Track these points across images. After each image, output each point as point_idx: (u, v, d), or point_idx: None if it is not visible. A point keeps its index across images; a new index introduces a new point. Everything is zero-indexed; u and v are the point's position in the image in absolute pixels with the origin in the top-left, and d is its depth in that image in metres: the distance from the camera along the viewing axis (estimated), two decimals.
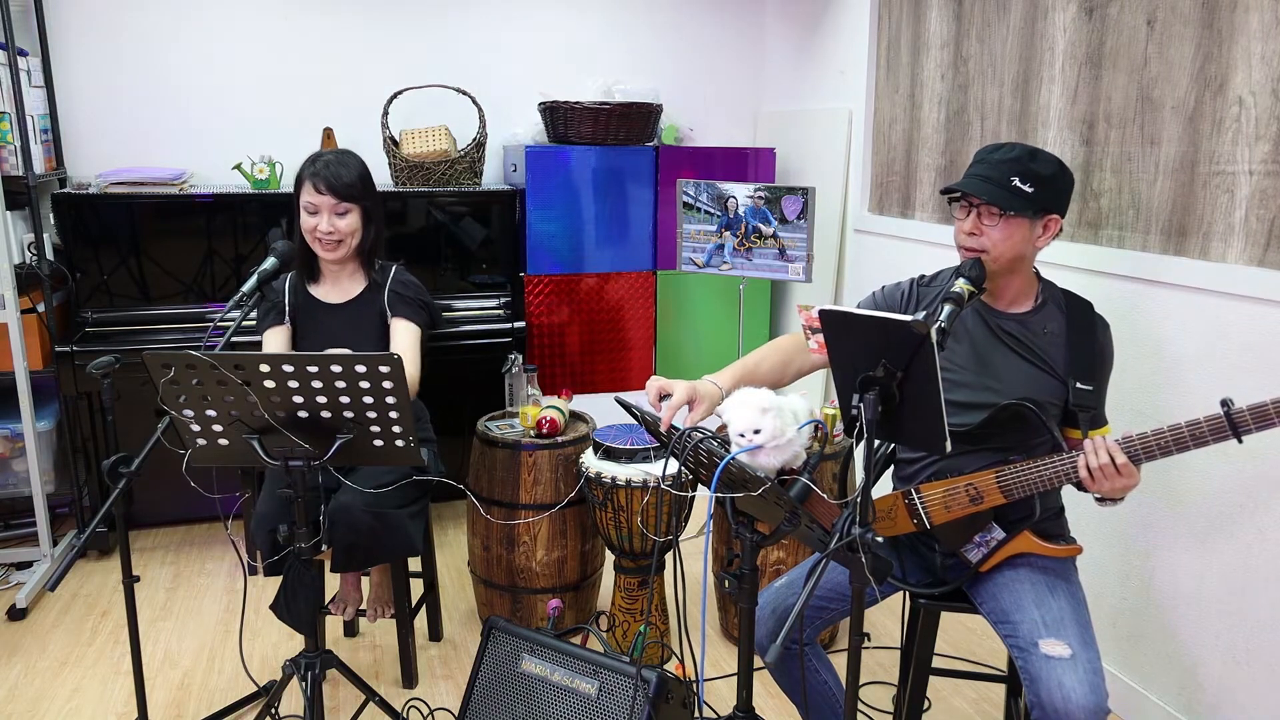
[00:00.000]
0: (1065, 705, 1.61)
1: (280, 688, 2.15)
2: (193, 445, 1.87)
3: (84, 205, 3.25)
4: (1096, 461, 1.70)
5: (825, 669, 2.01)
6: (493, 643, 2.09)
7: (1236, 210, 2.11)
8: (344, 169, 2.37)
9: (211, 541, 3.54)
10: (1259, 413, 1.57)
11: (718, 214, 3.41)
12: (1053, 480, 1.78)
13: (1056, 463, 1.77)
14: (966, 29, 2.98)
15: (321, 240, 2.36)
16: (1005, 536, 1.85)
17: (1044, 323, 1.91)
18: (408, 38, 3.88)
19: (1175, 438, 1.65)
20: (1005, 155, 1.85)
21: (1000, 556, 1.87)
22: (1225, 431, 1.61)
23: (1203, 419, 1.63)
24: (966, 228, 1.86)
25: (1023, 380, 1.88)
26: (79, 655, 2.74)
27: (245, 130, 3.76)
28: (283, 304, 2.45)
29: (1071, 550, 1.86)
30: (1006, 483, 1.82)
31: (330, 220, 2.35)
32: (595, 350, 3.87)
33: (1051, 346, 1.89)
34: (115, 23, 3.55)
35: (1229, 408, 1.60)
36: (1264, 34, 2.02)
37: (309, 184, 2.35)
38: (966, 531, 1.89)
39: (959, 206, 1.89)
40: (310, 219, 2.36)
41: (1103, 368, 1.89)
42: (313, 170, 2.35)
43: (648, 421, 1.75)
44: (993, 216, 1.83)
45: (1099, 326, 1.90)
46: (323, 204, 2.34)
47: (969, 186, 1.84)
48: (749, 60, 4.34)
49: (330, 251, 2.38)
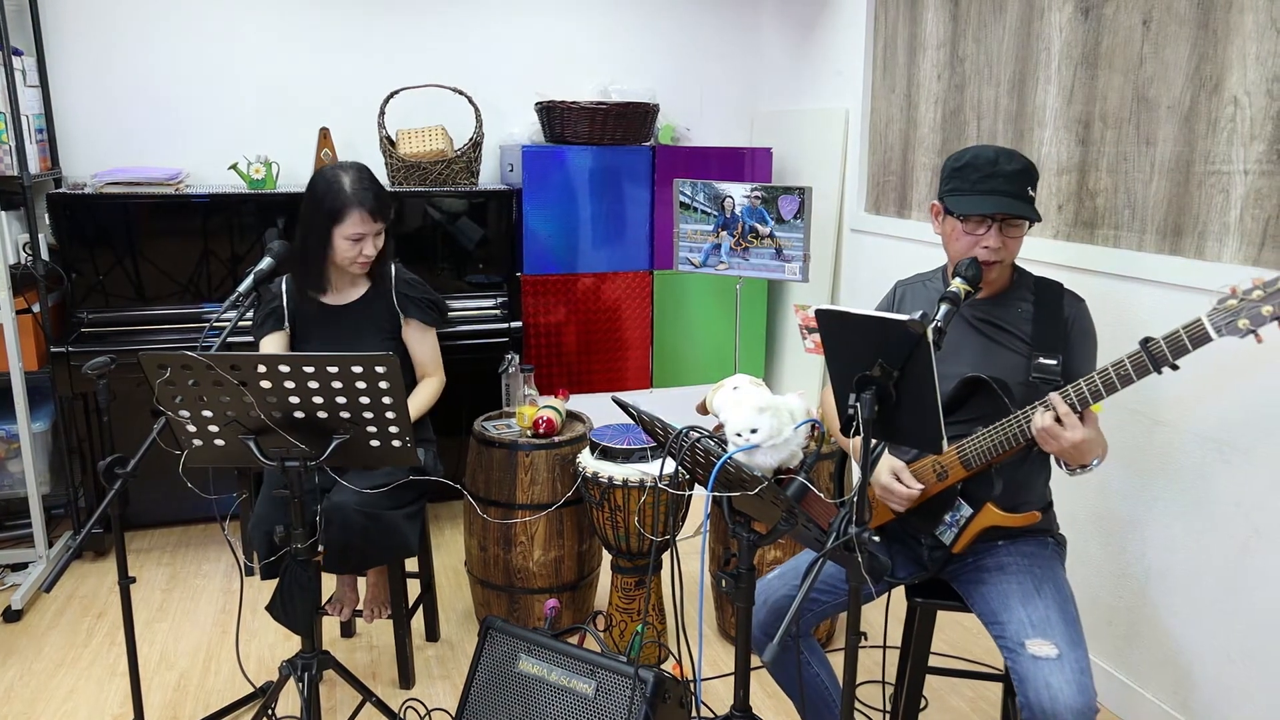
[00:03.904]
0: (1053, 706, 1.61)
1: (277, 689, 2.15)
2: (189, 446, 1.87)
3: (79, 205, 3.24)
4: (1044, 420, 1.70)
5: (819, 662, 2.02)
6: (490, 643, 2.09)
7: (1231, 210, 2.12)
8: (378, 187, 2.36)
9: (208, 542, 3.53)
10: (1173, 342, 1.59)
11: (714, 214, 3.41)
12: (1004, 444, 1.79)
13: (1004, 425, 1.78)
14: (963, 29, 2.98)
15: (359, 261, 2.36)
16: (972, 512, 1.88)
17: (1016, 303, 1.95)
18: (404, 37, 3.87)
19: (1104, 380, 1.66)
20: (1015, 167, 1.86)
21: (970, 534, 1.89)
22: (1146, 366, 1.62)
23: (1125, 357, 1.64)
24: (992, 243, 1.86)
25: (993, 360, 1.91)
26: (74, 657, 2.74)
27: (241, 130, 3.75)
28: (281, 309, 2.45)
29: (1030, 518, 1.86)
30: (965, 454, 1.85)
31: (374, 243, 2.36)
32: (592, 350, 3.87)
33: (1023, 323, 1.92)
34: (111, 22, 3.55)
35: (1147, 342, 1.62)
36: (1259, 34, 2.02)
37: (360, 213, 2.30)
38: (939, 511, 1.92)
39: (975, 221, 1.88)
40: (354, 246, 2.34)
41: (1070, 340, 1.90)
42: (356, 199, 2.30)
43: (644, 421, 1.75)
44: (1015, 229, 1.87)
45: (1067, 301, 1.92)
46: (370, 230, 2.34)
47: (1010, 207, 1.84)
48: (745, 60, 4.34)
49: (364, 269, 2.39)
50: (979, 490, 1.87)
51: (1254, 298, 1.53)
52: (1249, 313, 1.53)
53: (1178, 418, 2.27)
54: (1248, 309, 1.53)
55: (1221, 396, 2.15)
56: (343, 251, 2.35)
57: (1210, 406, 2.18)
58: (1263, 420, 2.07)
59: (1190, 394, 2.24)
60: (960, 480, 1.88)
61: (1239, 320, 1.54)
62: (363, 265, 2.38)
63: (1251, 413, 2.09)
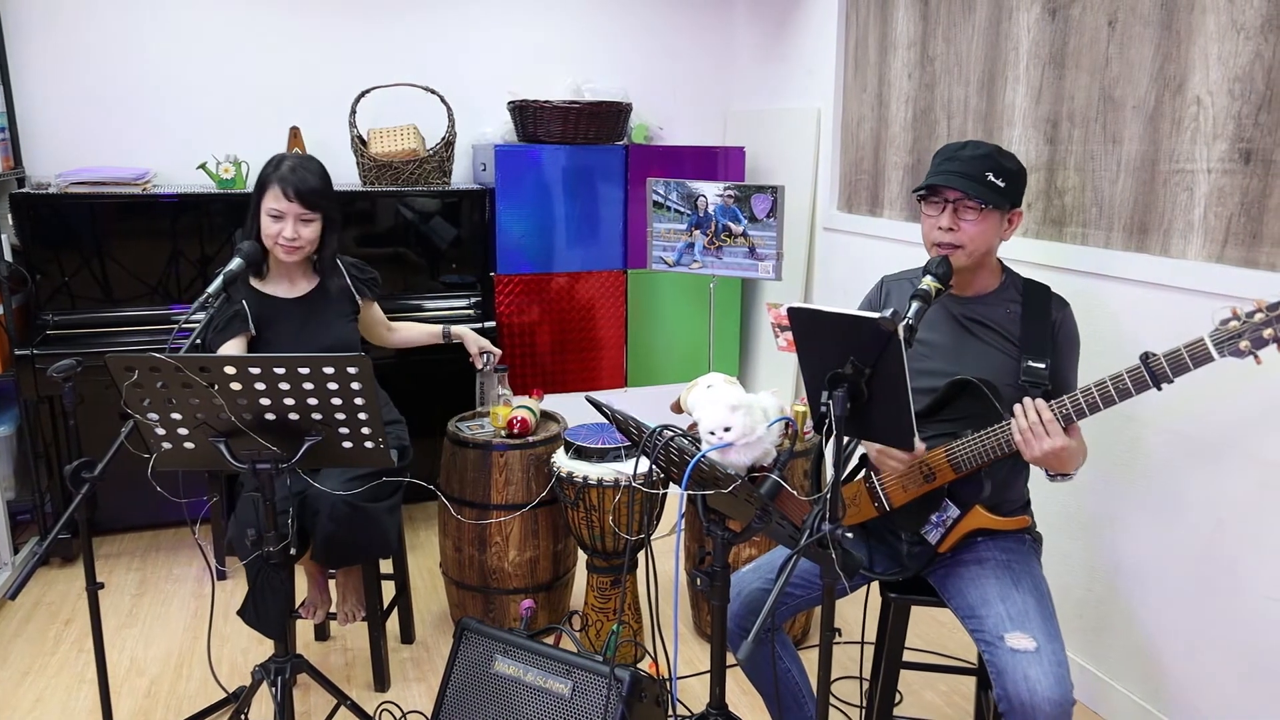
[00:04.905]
0: (1031, 697, 1.63)
1: (250, 693, 2.13)
2: (158, 449, 1.85)
3: (44, 205, 3.19)
4: (1025, 422, 1.72)
5: (790, 658, 2.03)
6: (465, 644, 2.08)
7: (1195, 208, 2.15)
8: (311, 175, 2.34)
9: (179, 546, 3.49)
10: (1175, 360, 1.61)
11: (688, 213, 3.42)
12: (995, 449, 1.80)
13: (997, 430, 1.79)
14: (933, 29, 3.01)
15: (282, 246, 2.35)
16: (959, 514, 1.89)
17: (1005, 303, 1.95)
18: (375, 36, 3.85)
19: (1101, 393, 1.68)
20: (976, 152, 1.87)
21: (957, 534, 1.90)
22: (1146, 381, 1.64)
23: (1124, 372, 1.66)
24: (944, 223, 1.88)
25: (983, 361, 1.92)
26: (42, 664, 2.69)
27: (210, 129, 3.70)
28: (244, 312, 2.41)
29: (1020, 522, 1.89)
30: (955, 457, 1.85)
31: (295, 227, 2.33)
32: (566, 349, 3.87)
33: (1011, 325, 1.93)
34: (76, 19, 3.49)
35: (1148, 359, 1.63)
36: (1220, 35, 2.06)
37: (276, 189, 2.31)
38: (924, 512, 1.92)
39: (930, 204, 1.91)
40: (274, 224, 2.33)
41: (1058, 344, 1.92)
42: (279, 175, 2.32)
43: (618, 420, 1.75)
44: (970, 212, 1.86)
45: (1054, 305, 1.94)
46: (289, 210, 2.31)
47: (953, 182, 1.86)
48: (718, 59, 4.35)
49: (289, 255, 2.36)
50: (967, 492, 1.88)
51: (1256, 320, 1.54)
52: (1251, 335, 1.55)
53: (1147, 413, 2.30)
54: (1250, 331, 1.55)
55: (1188, 391, 2.18)
56: (265, 227, 2.35)
57: (1178, 402, 2.21)
58: (1227, 415, 2.10)
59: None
60: (949, 481, 1.89)
61: (1241, 342, 1.56)
62: (286, 250, 2.35)
63: (1216, 408, 2.12)
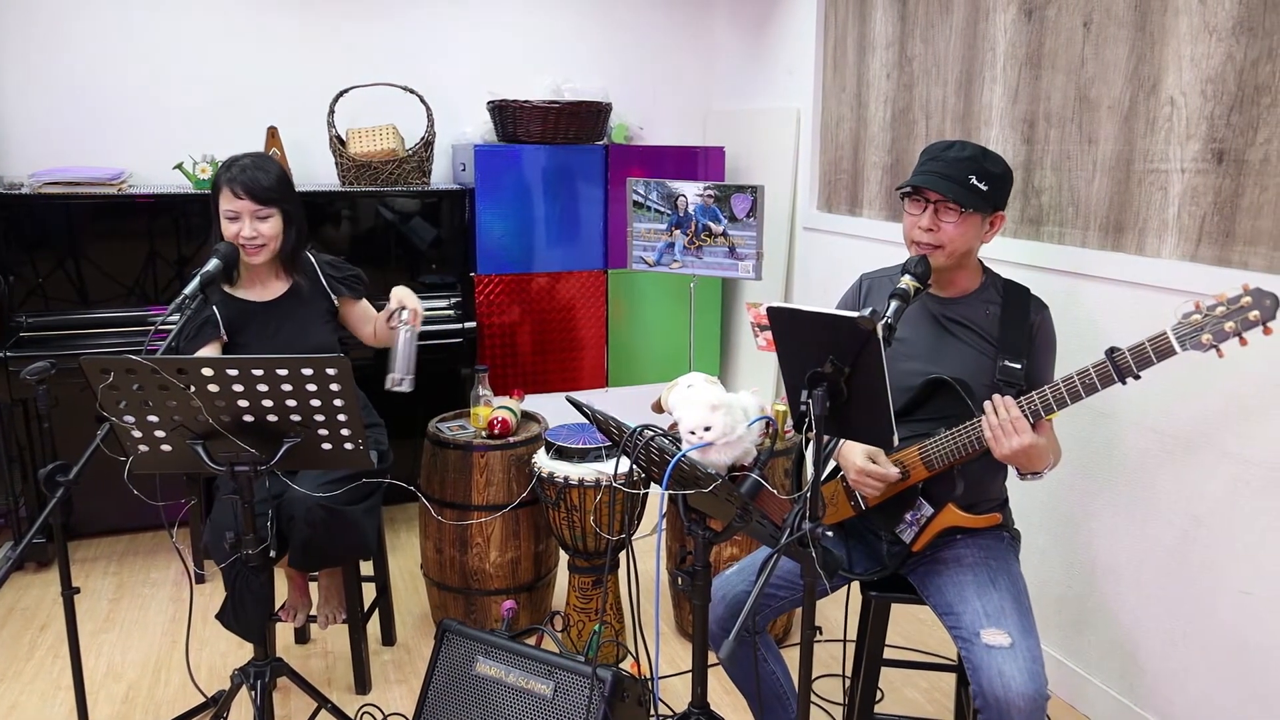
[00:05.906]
0: (1005, 693, 1.65)
1: (229, 698, 2.11)
2: (134, 452, 1.83)
3: (16, 206, 3.15)
4: (995, 419, 1.73)
5: (773, 658, 2.04)
6: (446, 646, 2.07)
7: (1170, 207, 2.17)
8: (261, 173, 2.33)
9: (156, 550, 3.46)
10: (1139, 354, 1.63)
11: (668, 212, 3.42)
12: (966, 447, 1.81)
13: (968, 428, 1.81)
14: (911, 29, 3.03)
15: (245, 246, 2.34)
16: (933, 512, 1.90)
17: (984, 304, 1.97)
18: (354, 35, 3.82)
19: (1069, 388, 1.70)
20: (960, 154, 1.89)
21: (931, 533, 1.91)
22: (1111, 376, 1.66)
23: (1090, 366, 1.68)
24: (924, 224, 1.89)
25: (960, 361, 1.93)
26: (16, 671, 2.66)
27: (187, 129, 3.67)
28: (215, 317, 2.39)
29: (991, 520, 1.90)
30: (928, 455, 1.87)
31: (252, 225, 2.32)
32: (547, 350, 3.86)
33: (990, 325, 1.94)
34: (50, 18, 3.45)
35: (1113, 353, 1.65)
36: (1193, 37, 2.08)
37: (226, 190, 2.30)
38: (899, 510, 1.94)
39: (912, 202, 1.92)
40: (232, 225, 2.31)
41: (1035, 346, 1.93)
42: (229, 175, 2.31)
43: (599, 420, 1.75)
44: (950, 213, 1.87)
45: (1033, 307, 1.95)
46: (243, 209, 2.30)
47: (933, 184, 1.87)
48: (698, 59, 4.36)
49: (254, 256, 2.35)
50: (941, 490, 1.89)
51: (1217, 314, 1.56)
52: (1212, 328, 1.57)
53: (1121, 410, 2.32)
54: (1211, 324, 1.57)
55: (1161, 388, 2.21)
56: (225, 230, 2.34)
57: (1151, 398, 2.24)
58: (1202, 412, 2.13)
59: (1132, 386, 2.29)
60: (922, 480, 1.90)
61: (1203, 335, 1.57)
62: (250, 250, 2.34)
63: (1189, 403, 2.15)
